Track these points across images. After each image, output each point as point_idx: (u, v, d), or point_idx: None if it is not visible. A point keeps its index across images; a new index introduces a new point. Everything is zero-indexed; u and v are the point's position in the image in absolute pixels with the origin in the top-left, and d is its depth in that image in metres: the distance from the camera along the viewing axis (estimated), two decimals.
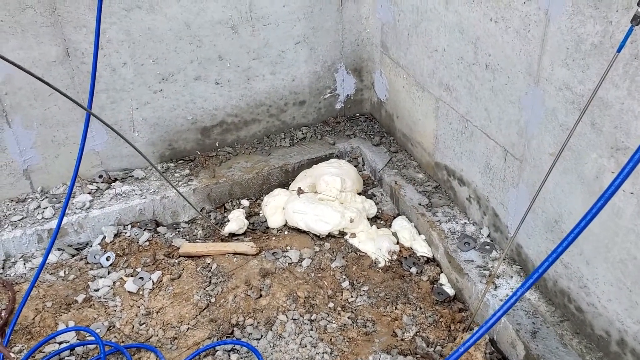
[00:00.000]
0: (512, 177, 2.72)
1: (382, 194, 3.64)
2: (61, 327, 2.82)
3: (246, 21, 3.47)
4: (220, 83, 3.61)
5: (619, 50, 1.84)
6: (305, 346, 2.66)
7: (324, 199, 3.34)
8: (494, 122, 2.75)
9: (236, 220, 3.34)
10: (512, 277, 2.79)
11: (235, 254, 3.18)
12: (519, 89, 2.52)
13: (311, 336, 2.71)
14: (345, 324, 2.77)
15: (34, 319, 2.84)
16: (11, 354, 2.20)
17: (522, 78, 2.49)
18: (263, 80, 3.72)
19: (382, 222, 3.43)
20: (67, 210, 3.33)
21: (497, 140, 2.76)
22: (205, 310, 2.89)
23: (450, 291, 2.92)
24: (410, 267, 3.07)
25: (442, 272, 3.05)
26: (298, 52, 3.72)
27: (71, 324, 2.85)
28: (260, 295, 2.92)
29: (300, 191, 3.41)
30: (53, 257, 3.21)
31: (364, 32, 3.84)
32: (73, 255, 3.27)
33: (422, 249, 3.12)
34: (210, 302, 2.93)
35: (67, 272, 3.14)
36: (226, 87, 3.64)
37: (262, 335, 2.73)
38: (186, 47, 3.40)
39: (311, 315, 2.81)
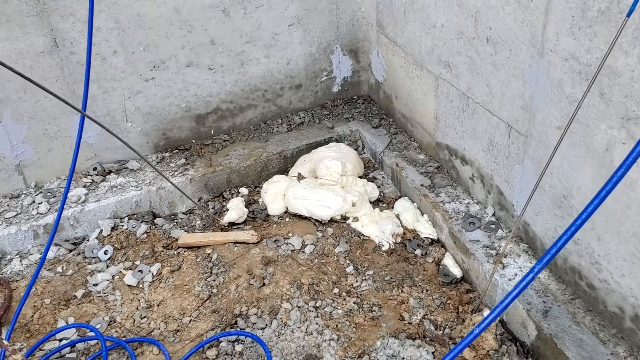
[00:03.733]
0: (516, 154, 2.65)
1: (383, 177, 3.57)
2: (61, 324, 2.76)
3: (237, 3, 3.37)
4: (213, 69, 3.52)
5: (628, 15, 1.76)
6: (311, 334, 2.60)
7: (324, 184, 3.27)
8: (496, 98, 2.68)
9: (235, 209, 3.26)
10: (519, 255, 2.72)
11: (235, 243, 3.12)
12: (522, 62, 2.44)
13: (317, 323, 2.65)
14: (351, 310, 2.71)
15: (32, 316, 2.78)
16: (12, 349, 2.13)
17: (525, 50, 2.41)
18: (257, 64, 3.63)
19: (384, 205, 3.36)
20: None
21: (501, 116, 2.68)
22: (207, 302, 2.83)
23: (457, 272, 2.86)
24: (415, 249, 3.00)
25: (447, 252, 2.99)
26: (292, 34, 3.62)
27: (71, 320, 2.78)
28: (263, 284, 2.86)
29: (300, 177, 3.33)
30: (50, 253, 3.14)
31: (359, 12, 3.74)
32: (70, 250, 3.20)
33: (426, 231, 3.06)
34: (212, 292, 2.86)
35: (65, 268, 3.07)
36: (220, 73, 3.55)
37: (266, 325, 2.67)
38: (177, 32, 3.31)
39: (316, 302, 2.75)
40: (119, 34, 3.17)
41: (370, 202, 3.30)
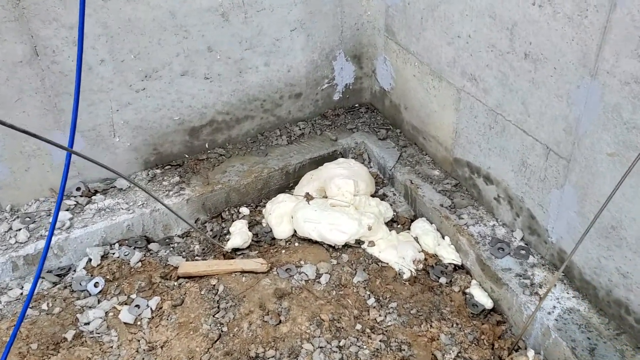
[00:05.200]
0: (555, 178, 2.46)
1: (394, 194, 3.34)
2: None
3: (238, 7, 3.07)
4: (209, 78, 3.21)
5: None
6: None
7: (336, 205, 3.02)
8: (533, 117, 2.48)
9: (239, 234, 2.98)
10: (555, 285, 2.55)
11: (243, 272, 2.84)
12: (568, 82, 2.25)
13: None
14: (378, 349, 2.49)
15: None
16: None
17: (573, 70, 2.21)
18: (256, 72, 3.34)
19: (399, 225, 3.14)
20: (43, 231, 2.92)
21: (537, 137, 2.49)
22: (218, 342, 2.55)
23: (487, 302, 2.66)
24: (439, 277, 2.80)
25: (473, 280, 2.80)
26: (294, 40, 3.34)
27: None
28: (280, 321, 2.60)
29: (308, 197, 3.07)
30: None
31: (365, 15, 3.49)
32: (55, 284, 2.86)
33: (449, 256, 2.85)
34: (222, 331, 2.59)
35: (50, 305, 2.74)
36: (216, 82, 3.24)
37: None
38: (171, 38, 2.99)
39: (339, 342, 2.52)
40: (107, 40, 2.83)
41: (385, 224, 3.07)
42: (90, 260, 2.93)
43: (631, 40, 1.93)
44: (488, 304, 2.66)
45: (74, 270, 2.92)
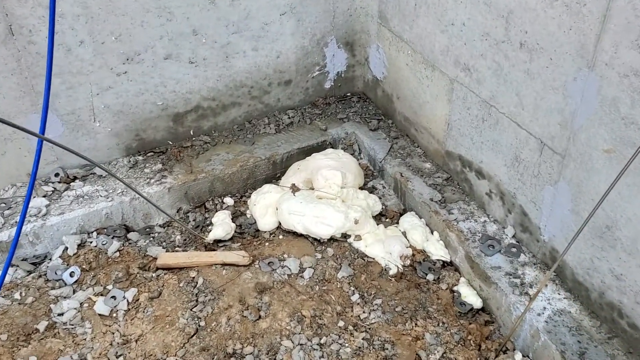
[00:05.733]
0: (548, 174, 2.35)
1: (384, 187, 3.24)
2: None
3: None
4: (194, 62, 3.09)
5: None
6: None
7: (322, 197, 2.92)
8: (527, 110, 2.37)
9: (222, 225, 2.88)
10: (546, 285, 2.45)
11: (224, 265, 2.74)
12: (564, 74, 2.14)
13: None
14: (360, 348, 2.40)
15: None
16: None
17: (570, 61, 2.10)
18: (244, 57, 3.22)
19: (387, 220, 3.04)
20: (18, 217, 2.81)
21: (531, 131, 2.38)
22: (194, 337, 2.46)
23: (476, 302, 2.57)
24: (427, 274, 2.70)
25: (461, 278, 2.70)
26: (284, 24, 3.22)
27: None
28: (259, 317, 2.50)
29: (294, 188, 2.97)
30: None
31: (358, 1, 3.36)
32: (29, 272, 2.77)
33: (438, 252, 2.76)
34: (199, 326, 2.49)
35: (23, 294, 2.64)
36: (202, 67, 3.13)
37: None
38: (154, 20, 2.87)
39: (320, 339, 2.42)
40: (87, 21, 2.71)
41: (373, 217, 2.97)
42: (66, 248, 2.83)
43: (632, 30, 1.82)
44: (477, 303, 2.57)
45: (50, 259, 2.82)
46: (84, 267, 2.76)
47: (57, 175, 3.01)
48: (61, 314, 2.57)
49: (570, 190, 2.26)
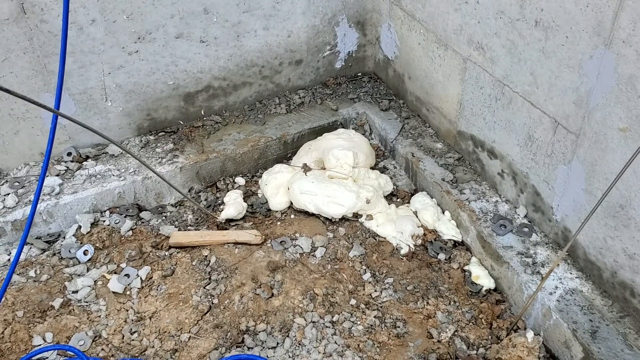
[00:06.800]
0: (562, 153, 2.35)
1: (395, 167, 3.24)
2: (37, 341, 2.38)
3: None
4: (206, 41, 3.08)
5: None
6: (331, 355, 2.30)
7: (334, 177, 2.92)
8: (542, 89, 2.35)
9: (234, 204, 2.89)
10: (558, 265, 2.46)
11: (236, 243, 2.76)
12: (580, 52, 2.12)
13: (336, 342, 2.34)
14: (372, 325, 2.42)
15: (3, 332, 2.39)
16: None
17: (586, 39, 2.08)
18: (255, 36, 3.21)
19: (399, 200, 3.04)
20: (32, 196, 2.83)
21: (545, 110, 2.37)
22: (207, 314, 2.48)
23: (487, 282, 2.58)
24: (438, 253, 2.71)
25: (473, 257, 2.71)
26: (295, 3, 3.20)
27: (48, 335, 2.41)
28: (272, 295, 2.53)
29: (306, 168, 2.97)
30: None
31: None
32: (44, 250, 2.80)
33: (449, 232, 2.76)
34: (212, 303, 2.52)
35: (38, 272, 2.68)
36: (213, 46, 3.12)
37: (278, 343, 2.35)
38: None
39: (332, 317, 2.44)
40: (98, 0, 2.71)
41: (384, 197, 2.97)
42: (80, 227, 2.85)
43: None
44: (488, 283, 2.58)
45: (64, 237, 2.85)
46: (97, 245, 2.79)
47: (69, 154, 3.02)
48: (75, 292, 2.60)
49: (584, 169, 2.26)
